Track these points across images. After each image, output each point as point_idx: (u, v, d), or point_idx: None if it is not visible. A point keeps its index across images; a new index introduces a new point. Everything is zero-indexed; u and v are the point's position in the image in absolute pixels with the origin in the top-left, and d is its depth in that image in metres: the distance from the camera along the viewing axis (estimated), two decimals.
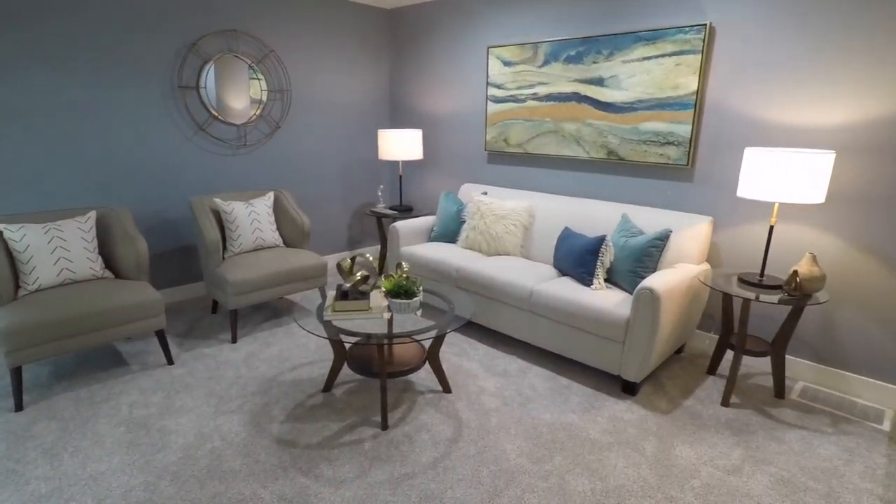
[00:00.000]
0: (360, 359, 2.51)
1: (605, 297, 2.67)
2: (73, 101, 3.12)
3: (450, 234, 3.80)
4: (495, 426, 2.34)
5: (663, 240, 2.76)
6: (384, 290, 2.41)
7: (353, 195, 4.88)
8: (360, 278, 2.47)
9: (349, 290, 2.50)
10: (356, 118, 4.74)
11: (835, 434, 2.33)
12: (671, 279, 2.52)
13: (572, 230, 3.19)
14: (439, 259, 3.44)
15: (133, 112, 3.38)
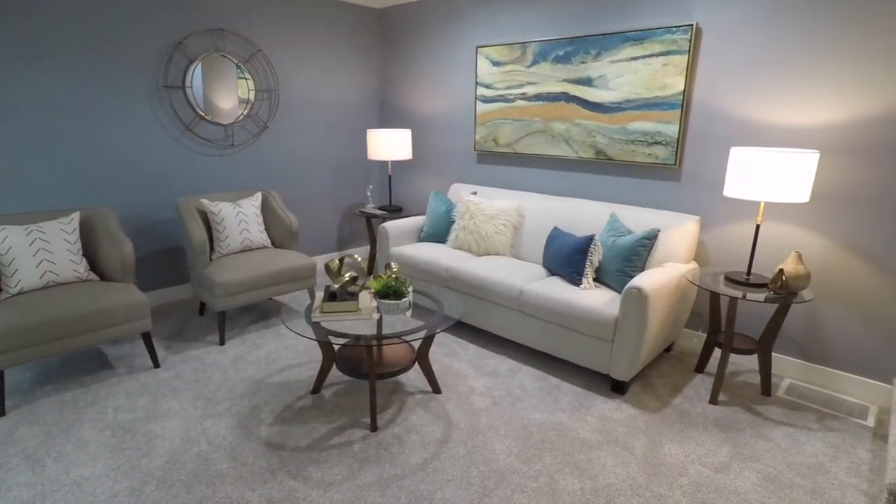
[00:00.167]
0: (349, 360, 2.50)
1: (593, 297, 2.68)
2: (56, 101, 3.07)
3: (439, 234, 3.80)
4: (485, 426, 2.34)
5: (651, 239, 2.78)
6: (373, 291, 2.40)
7: (342, 195, 4.86)
8: (348, 279, 2.46)
9: (338, 291, 2.49)
10: (345, 118, 4.71)
11: (820, 430, 2.36)
12: (659, 278, 2.54)
13: (561, 230, 3.20)
14: (429, 259, 3.43)
15: (118, 112, 3.33)
